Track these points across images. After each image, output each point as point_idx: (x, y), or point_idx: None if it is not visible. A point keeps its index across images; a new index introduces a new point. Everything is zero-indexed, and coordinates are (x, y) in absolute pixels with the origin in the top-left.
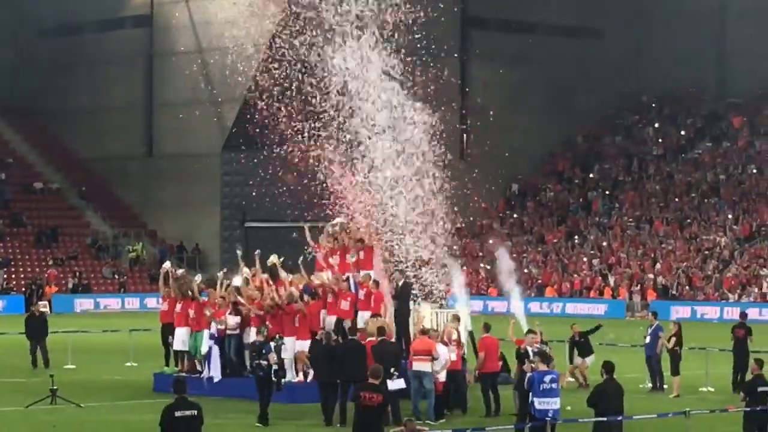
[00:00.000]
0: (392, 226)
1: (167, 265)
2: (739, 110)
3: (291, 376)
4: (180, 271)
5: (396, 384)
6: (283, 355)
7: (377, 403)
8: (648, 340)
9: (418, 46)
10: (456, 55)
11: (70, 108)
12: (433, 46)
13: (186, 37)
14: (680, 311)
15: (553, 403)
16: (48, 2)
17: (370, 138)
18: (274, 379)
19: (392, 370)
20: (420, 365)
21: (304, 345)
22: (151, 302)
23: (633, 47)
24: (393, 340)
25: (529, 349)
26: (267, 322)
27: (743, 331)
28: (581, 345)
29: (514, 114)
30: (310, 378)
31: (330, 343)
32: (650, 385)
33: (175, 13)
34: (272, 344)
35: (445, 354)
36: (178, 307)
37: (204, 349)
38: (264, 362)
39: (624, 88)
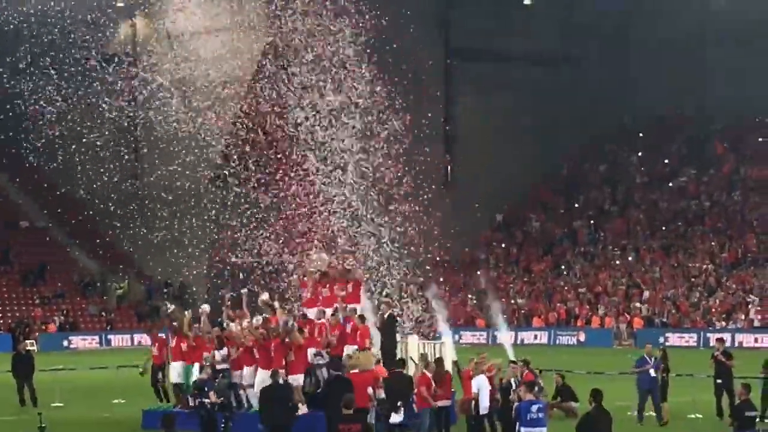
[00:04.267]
0: (377, 259)
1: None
2: (722, 137)
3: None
4: (172, 307)
5: (395, 417)
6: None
7: None
8: (653, 372)
9: (403, 80)
10: (440, 86)
11: (54, 145)
12: (423, 77)
13: (170, 74)
14: (667, 339)
15: None
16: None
17: (351, 169)
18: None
19: (399, 403)
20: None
21: (298, 379)
22: (138, 339)
23: (614, 76)
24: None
25: (512, 380)
26: (256, 355)
27: None
28: (565, 392)
29: (498, 144)
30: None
31: (277, 381)
32: (649, 414)
33: (159, 51)
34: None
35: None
36: (173, 341)
37: (191, 381)
38: (206, 400)
39: (606, 117)
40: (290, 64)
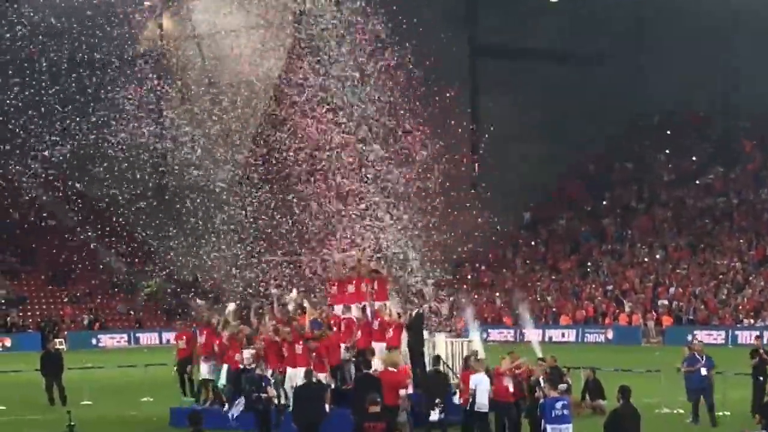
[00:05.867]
0: (403, 261)
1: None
2: (749, 134)
3: None
4: (201, 303)
5: (433, 415)
6: (285, 385)
7: (380, 431)
8: (704, 372)
9: (428, 79)
10: (462, 84)
11: (81, 145)
12: (449, 75)
13: (196, 73)
14: (695, 336)
15: (565, 429)
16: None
17: (379, 170)
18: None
19: (437, 401)
20: None
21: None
22: (167, 338)
23: (639, 72)
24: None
25: (541, 378)
26: (285, 353)
27: None
28: (594, 388)
29: (524, 142)
30: None
31: (311, 381)
32: (692, 419)
33: (185, 50)
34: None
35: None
36: (202, 338)
37: (221, 383)
38: (263, 395)
39: (632, 114)
40: (315, 63)
